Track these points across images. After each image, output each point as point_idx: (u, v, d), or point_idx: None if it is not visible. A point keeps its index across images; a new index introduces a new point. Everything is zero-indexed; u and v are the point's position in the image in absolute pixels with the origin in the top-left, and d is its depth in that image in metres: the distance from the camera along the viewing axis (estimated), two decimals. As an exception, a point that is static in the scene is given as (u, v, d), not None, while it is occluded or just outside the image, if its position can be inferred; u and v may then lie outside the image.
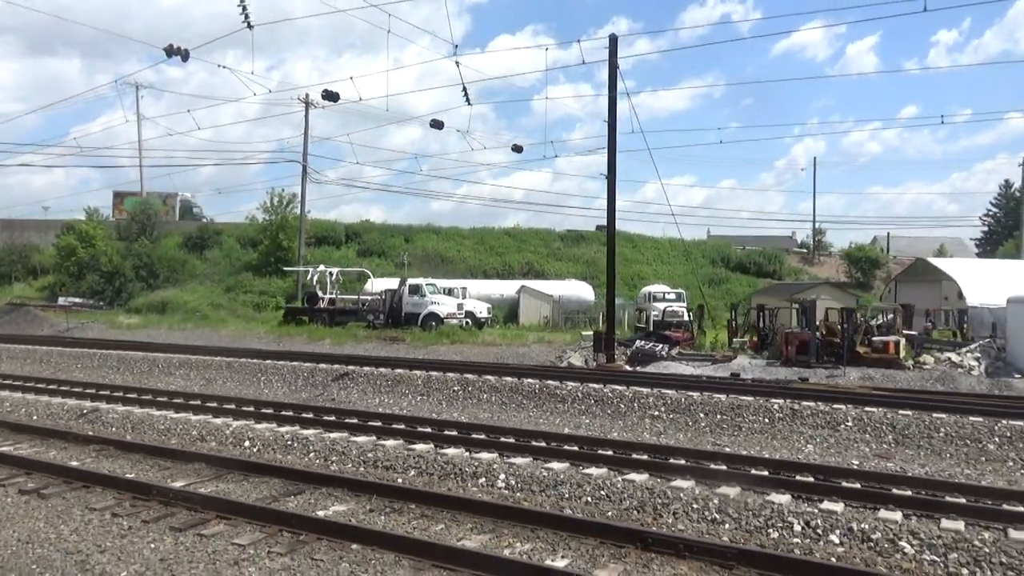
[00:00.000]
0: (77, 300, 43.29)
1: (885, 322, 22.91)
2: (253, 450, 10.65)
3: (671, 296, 35.19)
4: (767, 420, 12.57)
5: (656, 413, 13.47)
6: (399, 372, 17.41)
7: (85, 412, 13.46)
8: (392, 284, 33.96)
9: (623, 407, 13.93)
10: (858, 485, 8.33)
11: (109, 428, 12.42)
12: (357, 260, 46.60)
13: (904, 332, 22.24)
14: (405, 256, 43.60)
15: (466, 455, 9.71)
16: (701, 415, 13.08)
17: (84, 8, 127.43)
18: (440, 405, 15.25)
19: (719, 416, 12.94)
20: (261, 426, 11.80)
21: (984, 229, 69.69)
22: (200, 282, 45.83)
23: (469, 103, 21.48)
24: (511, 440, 10.77)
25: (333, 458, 9.97)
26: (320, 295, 34.37)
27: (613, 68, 23.21)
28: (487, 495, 8.16)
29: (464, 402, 15.35)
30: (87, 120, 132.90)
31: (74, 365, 22.34)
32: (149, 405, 14.08)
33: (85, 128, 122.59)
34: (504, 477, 8.67)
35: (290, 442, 10.72)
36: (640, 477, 8.50)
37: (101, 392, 15.73)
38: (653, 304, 33.44)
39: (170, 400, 14.68)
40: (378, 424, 12.05)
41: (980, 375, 19.67)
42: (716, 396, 13.64)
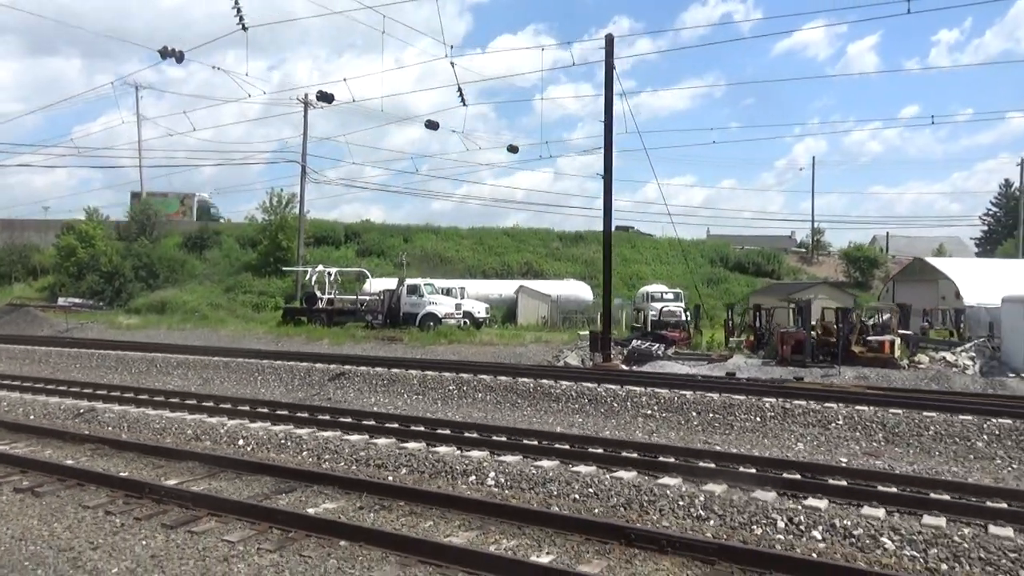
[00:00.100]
0: (77, 300, 43.40)
1: (880, 322, 22.98)
2: (247, 449, 10.74)
3: (669, 296, 35.31)
4: (759, 419, 12.65)
5: (649, 412, 13.55)
6: (395, 372, 17.49)
7: (82, 411, 13.54)
8: (390, 284, 34.04)
9: (616, 406, 14.01)
10: (844, 482, 8.41)
11: (105, 427, 12.50)
12: (356, 260, 46.68)
13: (899, 332, 22.33)
14: (404, 256, 43.70)
15: (457, 453, 9.79)
16: (694, 414, 13.16)
17: (85, 8, 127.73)
18: (435, 404, 15.33)
19: (711, 415, 13.02)
20: (256, 425, 11.88)
21: (984, 229, 69.85)
22: (199, 282, 45.92)
23: (464, 104, 21.61)
24: (503, 439, 10.85)
25: (326, 456, 10.06)
26: (319, 295, 34.43)
27: (609, 68, 23.28)
28: (476, 493, 8.24)
29: (459, 401, 15.43)
30: (88, 120, 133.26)
31: (72, 365, 22.44)
32: (145, 405, 14.16)
33: (86, 128, 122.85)
34: (494, 475, 8.76)
35: (284, 441, 10.80)
36: (628, 475, 8.58)
37: (98, 392, 15.81)
38: (651, 304, 33.55)
39: (166, 400, 14.76)
40: (372, 423, 12.13)
41: (975, 374, 19.75)
42: (709, 395, 13.72)
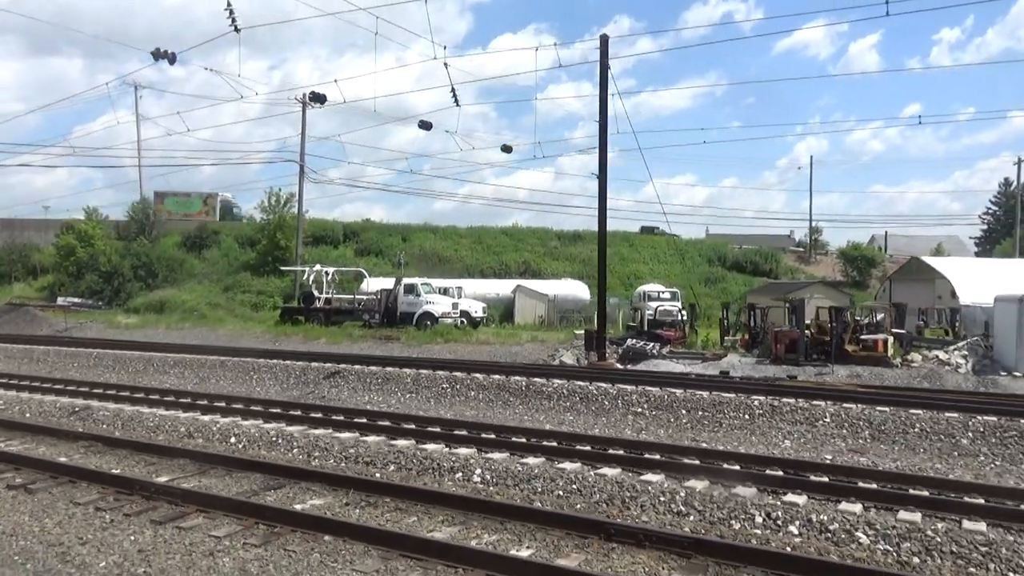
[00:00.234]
0: (76, 300, 43.54)
1: (872, 321, 23.08)
2: (239, 446, 10.85)
3: (666, 295, 35.43)
4: (747, 416, 12.75)
5: (639, 410, 13.65)
6: (389, 370, 17.61)
7: (77, 410, 13.66)
8: (388, 284, 34.16)
9: (607, 404, 14.12)
10: (825, 479, 8.52)
11: (99, 425, 12.61)
12: (355, 259, 46.82)
13: (893, 331, 22.43)
14: (402, 255, 43.80)
15: (445, 451, 9.90)
16: (683, 412, 13.26)
17: (86, 7, 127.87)
18: (428, 403, 15.45)
19: (700, 413, 13.12)
20: (248, 423, 12.00)
21: (983, 228, 69.95)
22: (198, 282, 46.04)
23: (458, 104, 21.69)
24: (492, 436, 10.96)
25: (316, 454, 10.17)
26: (316, 295, 34.57)
27: (604, 69, 23.40)
28: (461, 489, 8.35)
29: (452, 399, 15.54)
30: (88, 120, 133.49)
31: (70, 364, 22.56)
32: (140, 403, 14.28)
33: (86, 128, 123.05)
34: (480, 472, 8.86)
35: (275, 438, 10.92)
36: (612, 471, 8.69)
37: (94, 391, 15.95)
38: (647, 303, 33.66)
39: (161, 398, 14.88)
40: (363, 421, 12.24)
41: (967, 373, 19.84)
42: (698, 393, 13.82)
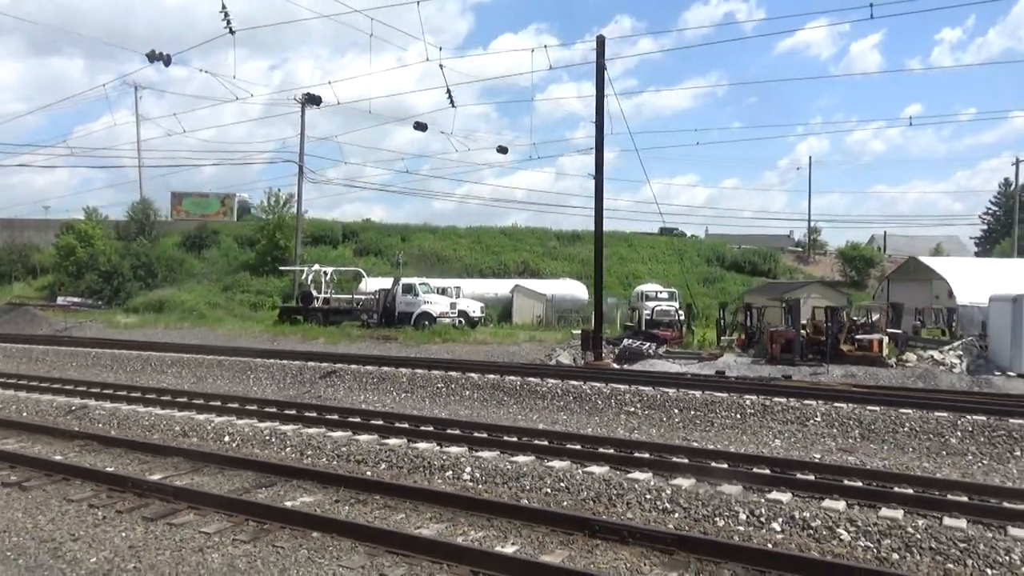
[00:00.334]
0: (76, 299, 43.68)
1: (868, 321, 23.15)
2: (232, 445, 10.93)
3: (663, 295, 35.50)
4: (739, 416, 12.83)
5: (632, 409, 13.73)
6: (385, 370, 17.69)
7: (73, 409, 13.75)
8: (386, 284, 34.25)
9: (600, 403, 14.19)
10: (811, 477, 8.60)
11: (96, 424, 12.70)
12: (354, 259, 46.93)
13: (888, 331, 22.50)
14: (400, 255, 43.90)
15: (436, 449, 9.99)
16: (675, 411, 13.34)
17: (87, 7, 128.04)
18: (423, 402, 15.53)
19: (693, 412, 13.20)
20: (242, 422, 12.08)
21: (983, 228, 70.00)
22: (198, 281, 46.16)
23: (453, 105, 21.80)
24: (484, 435, 11.03)
25: (308, 452, 10.25)
26: (315, 294, 34.66)
27: (600, 70, 23.47)
28: (450, 487, 8.43)
29: (446, 399, 15.62)
30: (89, 120, 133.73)
31: (69, 364, 22.65)
32: (136, 402, 14.37)
33: (87, 128, 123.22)
34: (470, 470, 8.95)
35: (269, 437, 11.00)
36: (600, 469, 8.78)
37: (91, 390, 16.04)
38: (645, 303, 33.75)
39: (158, 397, 14.96)
40: (357, 420, 12.33)
41: (961, 372, 19.91)
42: (691, 392, 13.89)
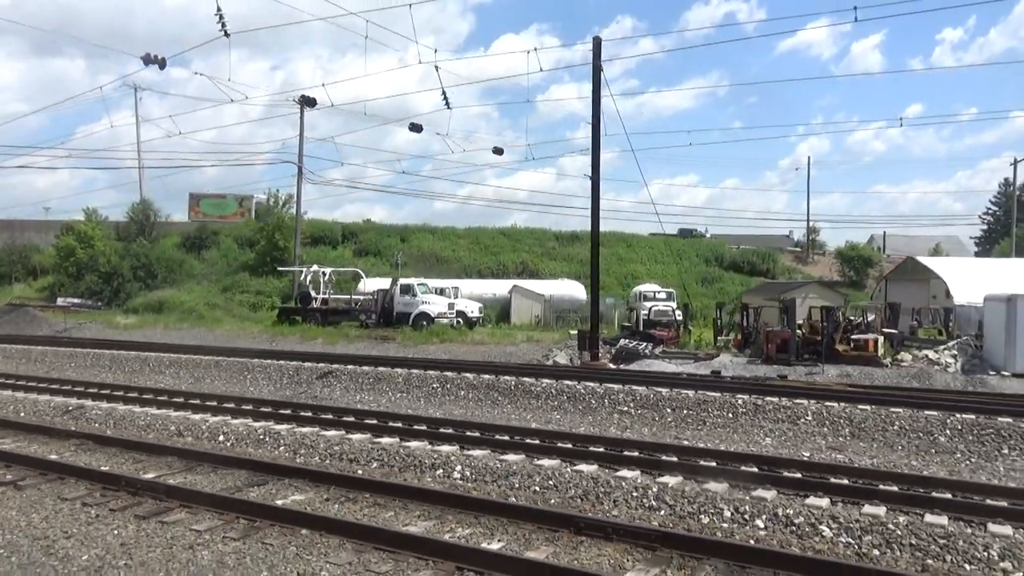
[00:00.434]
0: (76, 300, 43.77)
1: (863, 321, 23.22)
2: (227, 444, 11.02)
3: (661, 295, 35.56)
4: (731, 415, 12.91)
5: (625, 408, 13.82)
6: (381, 370, 17.77)
7: (70, 409, 13.84)
8: (385, 284, 34.33)
9: (594, 403, 14.28)
10: (798, 475, 8.67)
11: (92, 424, 12.79)
12: (353, 260, 47.03)
13: (884, 330, 22.58)
14: (399, 256, 43.99)
15: (428, 448, 10.08)
16: (668, 410, 13.42)
17: (88, 9, 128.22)
18: (418, 402, 15.62)
19: (685, 411, 13.28)
20: (237, 421, 12.17)
21: (983, 228, 70.02)
22: (197, 282, 46.27)
23: (448, 107, 21.91)
24: (476, 434, 11.12)
25: (301, 451, 10.34)
26: (313, 295, 34.75)
27: (597, 71, 23.56)
28: (440, 485, 8.52)
29: (442, 399, 15.71)
30: (92, 121, 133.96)
31: (67, 364, 22.76)
32: (133, 402, 14.46)
33: (88, 129, 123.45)
34: (460, 468, 9.03)
35: (263, 436, 11.09)
36: (589, 468, 8.86)
37: (88, 390, 16.14)
38: (643, 303, 33.82)
39: (154, 397, 15.06)
40: (351, 419, 12.42)
41: (956, 372, 19.99)
42: (684, 392, 13.97)
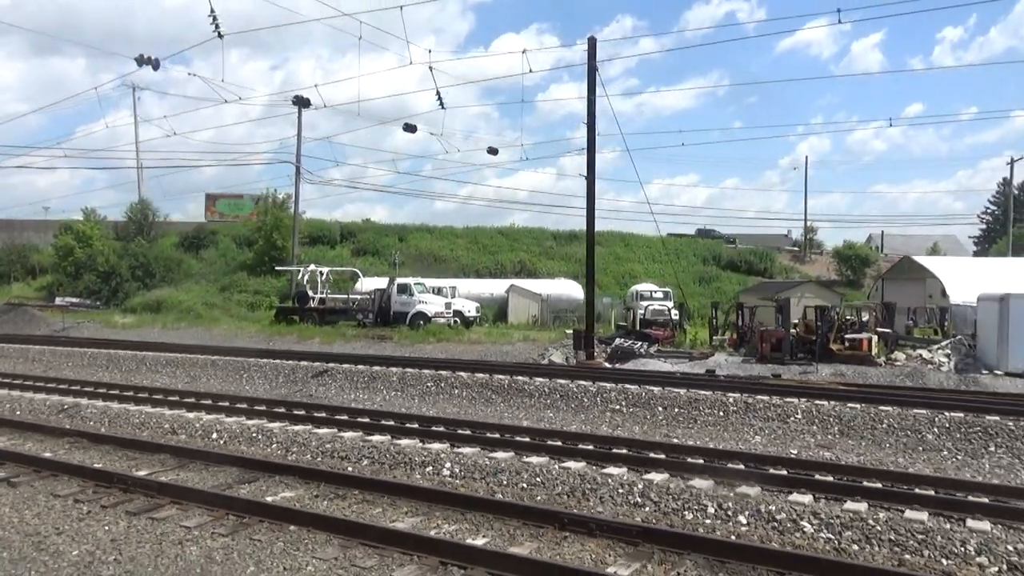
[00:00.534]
0: (74, 300, 43.86)
1: (858, 320, 23.30)
2: (220, 442, 11.11)
3: (658, 295, 35.66)
4: (721, 413, 12.99)
5: (617, 407, 13.90)
6: (376, 369, 17.86)
7: (66, 407, 13.92)
8: (382, 283, 34.43)
9: (587, 401, 14.36)
10: (784, 472, 8.75)
11: (87, 422, 12.88)
12: (351, 259, 47.12)
13: (878, 329, 22.65)
14: (397, 255, 44.07)
15: (418, 445, 10.16)
16: (660, 409, 13.51)
17: (88, 8, 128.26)
18: (412, 400, 15.70)
19: (677, 409, 13.36)
20: (230, 420, 12.25)
21: (982, 227, 70.09)
22: (196, 281, 46.36)
23: (443, 107, 22.03)
24: (467, 432, 11.20)
25: (293, 449, 10.43)
26: (311, 294, 34.83)
27: (592, 71, 23.64)
28: (428, 482, 8.60)
29: (436, 397, 15.79)
30: (91, 121, 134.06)
31: (64, 363, 22.84)
32: (128, 401, 14.54)
33: (88, 128, 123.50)
34: (450, 466, 9.12)
35: (256, 434, 11.17)
36: (577, 465, 8.94)
37: (84, 389, 16.22)
38: (640, 302, 33.89)
39: (150, 396, 15.14)
40: (344, 418, 12.51)
41: (949, 371, 20.06)
42: (676, 391, 14.06)
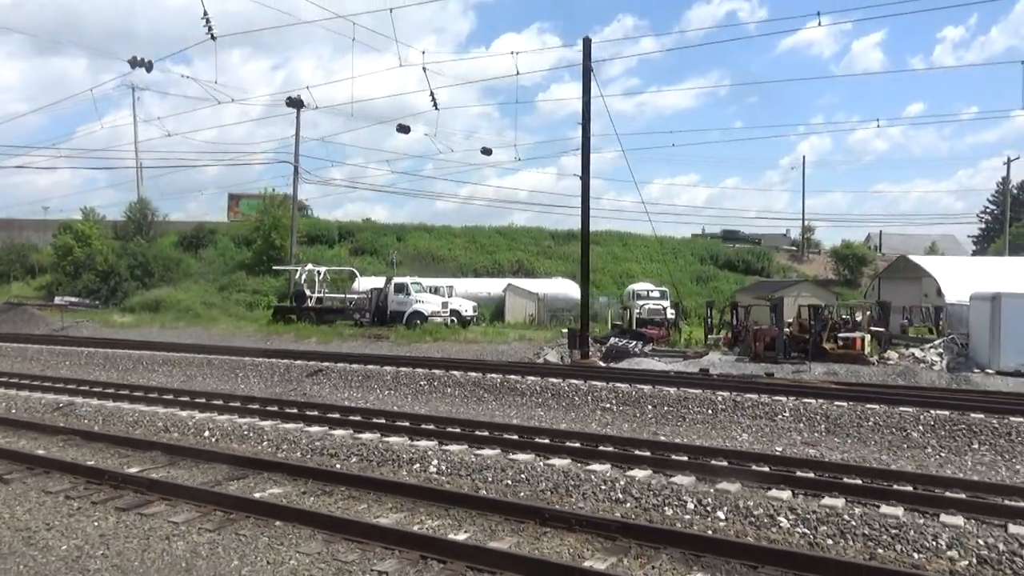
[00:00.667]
0: (73, 299, 43.94)
1: (851, 319, 23.41)
2: (212, 440, 11.22)
3: (655, 294, 35.79)
4: (710, 411, 13.10)
5: (607, 405, 14.01)
6: (370, 368, 17.97)
7: (61, 406, 14.04)
8: (380, 283, 34.53)
9: (577, 400, 14.47)
10: (766, 468, 8.87)
11: (81, 420, 12.98)
12: (349, 259, 47.20)
13: (871, 328, 22.76)
14: (394, 255, 44.16)
15: (407, 443, 10.28)
16: (649, 407, 13.62)
17: (89, 8, 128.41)
18: (405, 399, 15.81)
19: (666, 408, 13.48)
20: (222, 418, 12.38)
21: (981, 227, 70.13)
22: (195, 281, 46.44)
23: (436, 107, 22.09)
24: (457, 430, 11.32)
25: (284, 447, 10.55)
26: (308, 294, 34.94)
27: (587, 71, 23.73)
28: (414, 479, 8.72)
29: (428, 396, 15.91)
30: (90, 120, 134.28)
31: (62, 363, 22.95)
32: (122, 399, 14.66)
33: (87, 128, 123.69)
34: (437, 463, 9.23)
35: (247, 432, 11.29)
36: (562, 462, 9.05)
37: (80, 387, 16.34)
38: (636, 302, 34.03)
39: (144, 395, 15.26)
40: (336, 416, 12.62)
41: (941, 370, 20.18)
42: (666, 389, 14.18)
